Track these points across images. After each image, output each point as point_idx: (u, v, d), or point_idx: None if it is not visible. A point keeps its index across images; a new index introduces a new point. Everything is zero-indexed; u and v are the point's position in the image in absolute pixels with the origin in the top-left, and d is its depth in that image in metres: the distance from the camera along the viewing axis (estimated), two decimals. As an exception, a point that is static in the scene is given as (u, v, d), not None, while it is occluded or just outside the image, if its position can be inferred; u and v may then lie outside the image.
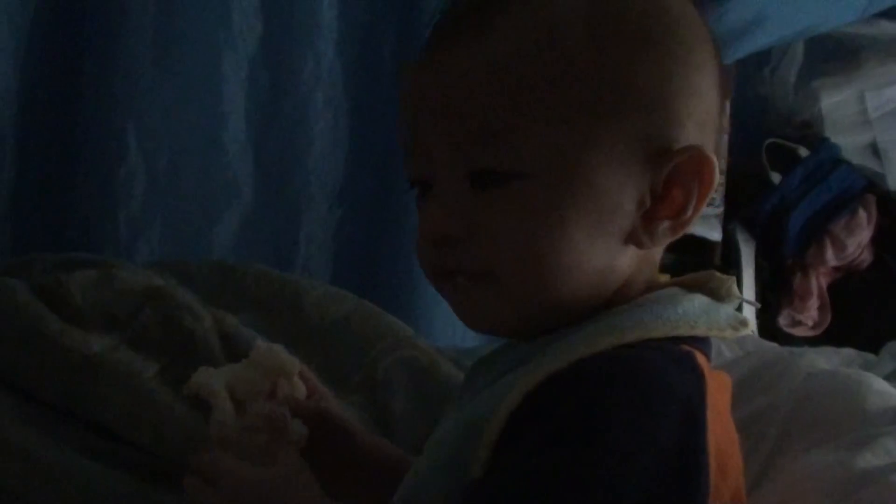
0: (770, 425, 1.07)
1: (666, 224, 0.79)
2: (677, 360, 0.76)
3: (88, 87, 1.65)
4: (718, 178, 0.80)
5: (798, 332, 2.54)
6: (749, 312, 2.43)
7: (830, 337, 2.44)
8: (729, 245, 2.50)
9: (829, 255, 2.54)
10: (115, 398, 1.11)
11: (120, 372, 1.12)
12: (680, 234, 0.80)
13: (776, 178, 2.58)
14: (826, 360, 1.23)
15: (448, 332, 1.60)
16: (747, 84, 2.57)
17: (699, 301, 0.82)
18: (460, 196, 0.80)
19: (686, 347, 0.78)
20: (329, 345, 1.20)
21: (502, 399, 0.74)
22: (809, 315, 2.55)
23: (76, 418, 1.13)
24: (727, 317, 0.82)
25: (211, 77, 1.71)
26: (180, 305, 1.18)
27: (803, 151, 2.58)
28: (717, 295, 0.84)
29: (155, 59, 1.66)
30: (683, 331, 0.78)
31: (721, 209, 2.41)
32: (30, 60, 1.62)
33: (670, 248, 0.85)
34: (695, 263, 2.35)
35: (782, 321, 2.54)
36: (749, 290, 2.47)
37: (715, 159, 0.79)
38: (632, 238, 0.79)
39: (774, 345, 1.39)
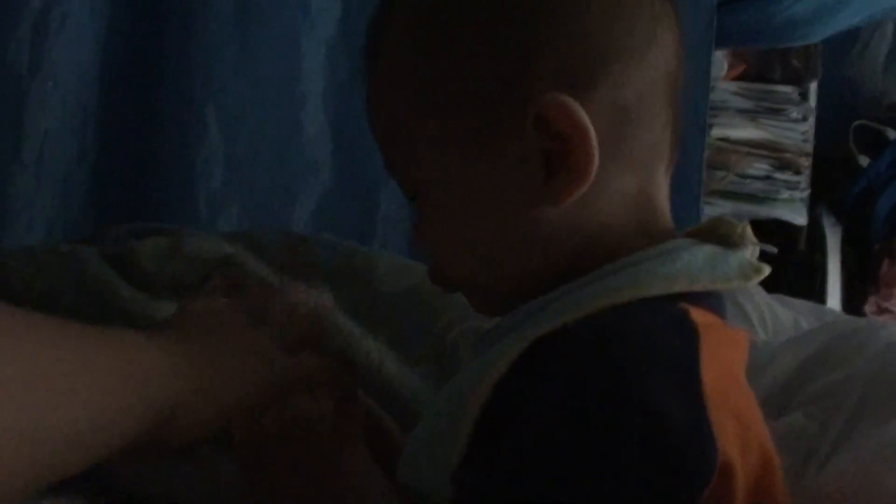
0: (848, 395, 1.05)
1: (562, 177, 0.76)
2: (669, 318, 0.73)
3: (169, 68, 1.67)
4: (584, 119, 0.75)
5: (884, 319, 2.49)
6: (834, 300, 2.40)
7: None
8: (814, 230, 2.47)
9: (919, 241, 2.50)
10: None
11: (189, 338, 1.13)
12: (585, 180, 0.76)
13: (864, 161, 2.55)
14: (906, 332, 1.20)
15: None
16: (835, 65, 2.54)
17: (704, 253, 0.78)
18: (411, 211, 0.85)
19: (682, 306, 0.74)
20: (397, 315, 1.19)
21: (488, 368, 0.73)
22: (896, 303, 2.51)
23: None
24: (739, 264, 0.79)
25: (290, 58, 1.72)
26: (248, 273, 1.19)
27: (892, 134, 2.55)
28: (730, 241, 0.80)
29: (235, 39, 1.67)
30: (681, 286, 0.75)
31: (807, 193, 2.39)
32: (111, 42, 1.64)
33: (754, 234, 0.83)
34: (780, 248, 2.34)
35: (868, 308, 2.50)
36: (835, 276, 2.43)
37: (571, 103, 0.75)
38: (538, 201, 0.77)
39: (853, 317, 1.36)
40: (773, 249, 2.29)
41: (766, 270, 0.80)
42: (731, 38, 1.98)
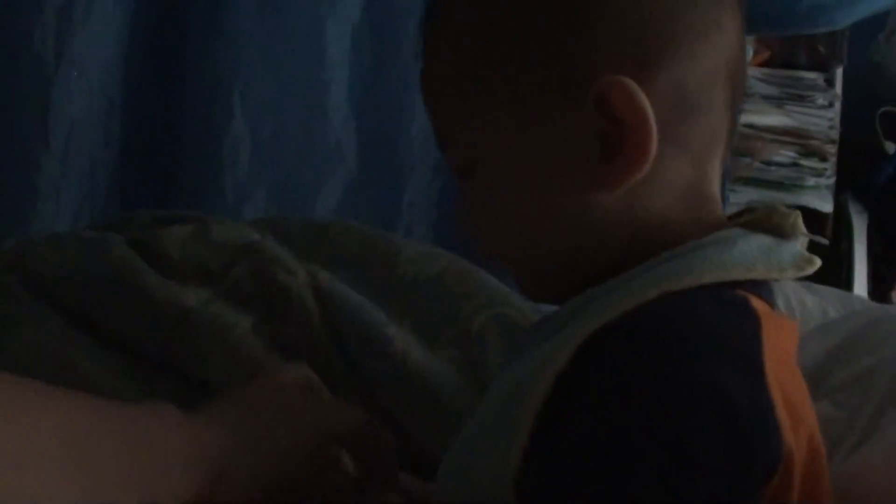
0: (876, 384, 1.05)
1: (620, 161, 0.76)
2: (730, 304, 0.73)
3: (194, 55, 1.68)
4: (645, 103, 0.75)
5: (911, 305, 2.49)
6: (861, 286, 2.39)
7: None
8: (841, 217, 2.45)
9: (945, 227, 2.49)
10: (210, 351, 1.13)
11: (215, 325, 1.13)
12: (643, 165, 0.75)
13: (890, 147, 2.53)
14: (936, 322, 1.19)
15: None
16: (860, 52, 2.52)
17: (759, 242, 0.77)
18: (460, 191, 0.84)
19: (740, 292, 0.74)
20: (422, 301, 1.19)
21: (548, 359, 0.72)
22: (923, 289, 2.50)
23: (171, 371, 1.14)
24: (792, 255, 0.78)
25: (315, 45, 1.72)
26: (274, 260, 1.19)
27: (919, 120, 2.53)
28: (782, 232, 0.79)
29: (259, 26, 1.68)
30: (738, 274, 0.75)
31: (833, 180, 2.38)
32: (136, 30, 1.65)
33: None
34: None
35: (895, 295, 2.48)
36: (861, 263, 2.42)
37: (631, 84, 0.75)
38: (595, 185, 0.77)
39: (881, 304, 1.36)
40: (825, 241, 2.28)
41: (818, 262, 0.79)
42: (757, 25, 1.97)
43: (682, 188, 0.79)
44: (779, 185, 2.32)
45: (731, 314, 0.72)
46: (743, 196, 2.25)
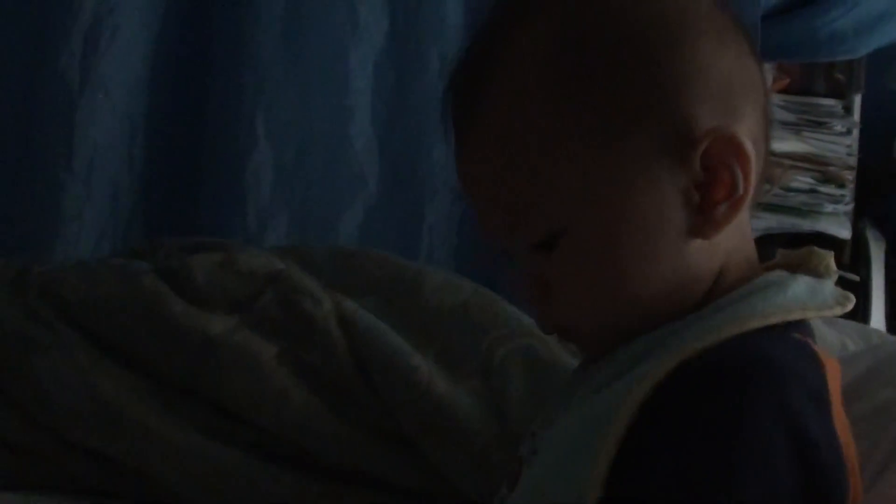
0: (894, 419, 1.05)
1: (723, 207, 0.78)
2: (798, 348, 0.77)
3: (218, 80, 1.69)
4: (752, 154, 0.78)
5: (929, 333, 2.48)
6: (878, 312, 2.39)
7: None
8: (858, 243, 2.45)
9: (962, 254, 2.48)
10: (235, 379, 1.14)
11: (240, 353, 1.14)
12: (741, 211, 0.79)
13: (908, 175, 2.53)
14: (954, 355, 1.20)
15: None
16: (878, 79, 2.52)
17: (804, 282, 0.81)
18: (529, 264, 0.83)
19: (800, 336, 0.78)
20: (447, 331, 1.20)
21: (629, 392, 0.74)
22: (940, 316, 2.49)
23: (197, 398, 1.15)
24: (832, 293, 0.82)
25: (338, 71, 1.73)
26: (300, 289, 1.20)
27: (937, 148, 2.53)
28: (818, 272, 0.84)
29: (283, 52, 1.68)
30: (796, 315, 0.78)
31: (851, 206, 2.37)
32: (160, 52, 1.66)
33: (797, 247, 0.85)
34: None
35: (913, 321, 2.48)
36: (879, 289, 2.42)
37: (738, 134, 0.78)
38: (693, 233, 0.79)
39: (900, 338, 1.36)
40: (856, 277, 2.28)
41: (853, 299, 0.83)
42: (776, 52, 1.98)
43: (742, 231, 0.83)
44: (797, 212, 2.31)
45: (801, 358, 0.76)
46: (761, 222, 2.25)
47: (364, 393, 1.14)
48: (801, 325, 0.80)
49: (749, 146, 0.78)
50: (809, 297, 0.80)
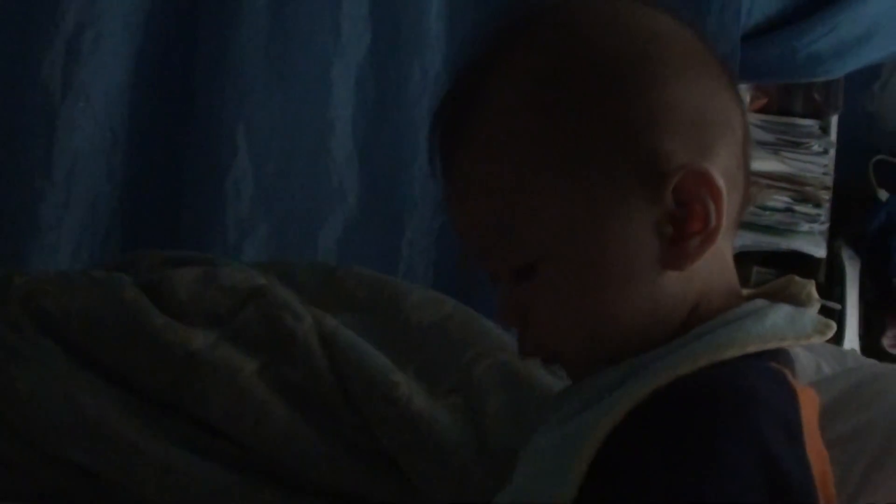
0: (869, 442, 1.06)
1: (696, 240, 0.80)
2: (773, 377, 0.77)
3: (200, 91, 1.69)
4: (722, 188, 0.80)
5: (902, 352, 2.50)
6: (852, 332, 2.40)
7: (936, 359, 2.40)
8: (833, 263, 2.47)
9: (936, 275, 2.50)
10: (215, 393, 1.13)
11: (221, 368, 1.14)
12: (715, 243, 0.80)
13: (884, 195, 2.55)
14: (928, 378, 1.21)
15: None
16: (856, 100, 2.54)
17: (784, 311, 0.82)
18: (511, 289, 0.85)
19: (776, 365, 0.79)
20: (426, 347, 1.20)
21: (602, 415, 0.76)
22: (914, 337, 2.51)
23: (178, 412, 1.15)
24: (812, 322, 0.83)
25: (320, 84, 1.73)
26: (281, 305, 1.20)
27: (912, 169, 2.55)
28: (798, 300, 0.85)
29: (265, 63, 1.69)
30: (773, 344, 0.79)
31: (826, 226, 2.39)
32: (142, 62, 1.66)
33: (773, 265, 0.87)
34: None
35: (886, 342, 2.50)
36: (853, 308, 2.44)
37: (709, 170, 0.79)
38: (668, 265, 0.80)
39: (875, 361, 1.37)
40: (837, 306, 2.30)
41: (834, 326, 0.84)
42: (755, 73, 2.00)
43: (721, 260, 0.84)
44: (773, 230, 2.33)
45: (774, 387, 0.76)
46: (737, 240, 2.25)
47: (344, 409, 1.14)
48: (780, 354, 0.81)
49: (720, 181, 0.79)
50: (788, 326, 0.81)
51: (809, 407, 0.80)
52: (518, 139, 0.82)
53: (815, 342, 0.82)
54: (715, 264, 0.83)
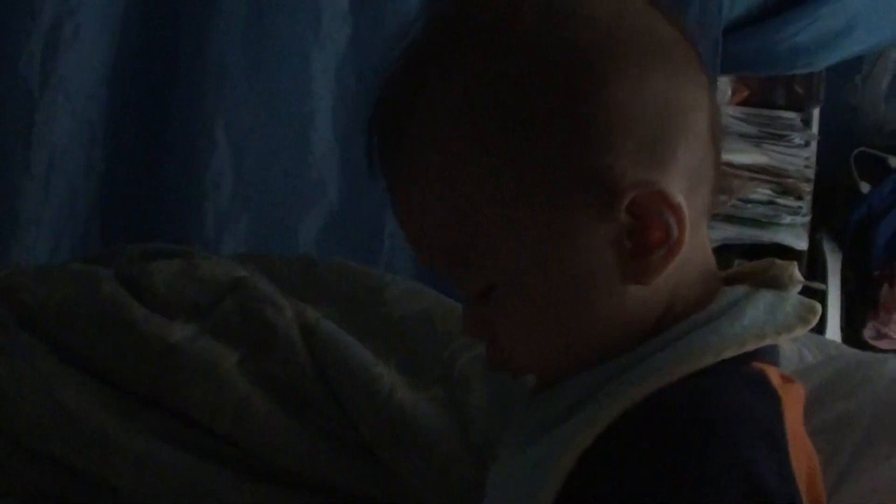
0: (851, 431, 1.06)
1: (659, 253, 0.76)
2: (753, 384, 0.75)
3: (179, 84, 1.68)
4: (683, 204, 0.75)
5: (883, 344, 2.51)
6: (834, 323, 2.41)
7: (917, 351, 2.41)
8: (815, 255, 2.48)
9: (918, 267, 2.51)
10: (195, 386, 1.13)
11: (201, 360, 1.13)
12: (679, 254, 0.76)
13: (865, 188, 2.56)
14: (911, 367, 1.22)
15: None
16: (837, 93, 2.55)
17: (763, 302, 0.79)
18: (471, 304, 0.82)
19: (757, 367, 0.76)
20: (408, 340, 1.20)
21: (572, 438, 0.73)
22: (895, 328, 2.52)
23: (158, 405, 1.14)
24: (794, 307, 0.79)
25: (300, 76, 1.73)
26: (262, 297, 1.20)
27: (893, 161, 2.56)
28: (781, 283, 0.82)
29: (245, 57, 1.68)
30: (753, 344, 0.76)
31: (808, 218, 2.40)
32: (121, 56, 1.65)
33: (755, 258, 0.84)
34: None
35: (867, 333, 2.51)
36: (835, 300, 2.44)
37: (664, 187, 0.75)
38: (630, 279, 0.76)
39: (857, 350, 1.37)
40: (822, 286, 2.31)
41: (819, 309, 0.80)
42: (736, 65, 2.00)
43: (693, 257, 0.80)
44: (755, 223, 2.33)
45: (754, 396, 0.73)
46: (719, 233, 2.27)
47: (325, 402, 1.13)
48: (761, 349, 0.77)
49: (676, 197, 0.75)
50: (768, 318, 0.78)
51: (794, 407, 0.78)
52: (460, 162, 0.77)
53: (798, 334, 0.78)
54: (689, 261, 0.79)
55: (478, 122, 0.76)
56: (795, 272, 0.83)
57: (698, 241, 0.80)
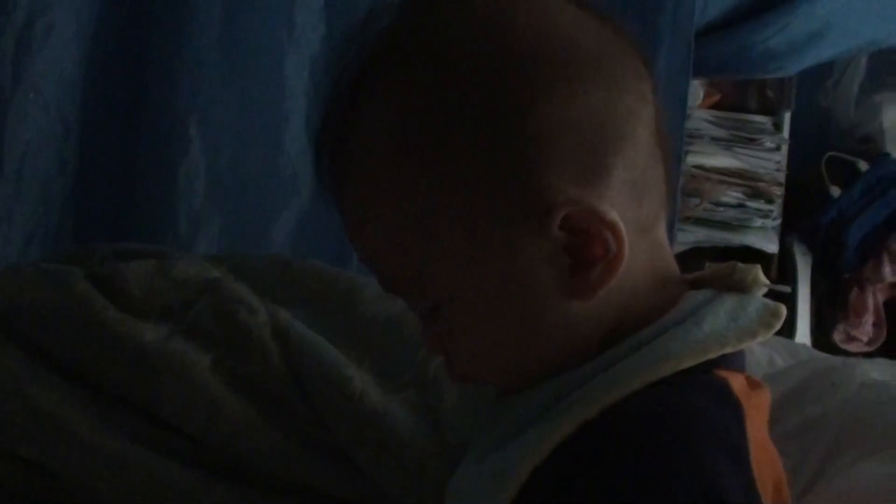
0: (822, 435, 1.07)
1: (598, 269, 0.75)
2: (714, 393, 0.74)
3: (153, 82, 1.68)
4: (619, 223, 0.75)
5: (852, 347, 2.53)
6: (804, 326, 2.43)
7: (885, 354, 2.43)
8: (786, 258, 2.49)
9: (887, 270, 2.53)
10: (168, 387, 1.12)
11: (174, 361, 1.13)
12: (619, 270, 0.76)
13: (835, 191, 2.58)
14: (880, 371, 1.23)
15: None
16: (809, 97, 2.57)
17: (725, 307, 0.78)
18: (424, 320, 0.83)
19: (720, 375, 0.75)
20: (381, 342, 1.20)
21: (529, 451, 0.73)
22: (864, 331, 2.54)
23: (131, 406, 1.14)
24: (758, 311, 0.79)
25: (274, 76, 1.73)
26: (235, 299, 1.19)
27: (863, 165, 2.58)
28: (744, 286, 0.81)
29: (219, 56, 1.68)
30: (714, 351, 0.75)
31: (779, 221, 2.42)
32: (95, 53, 1.64)
33: (725, 261, 0.84)
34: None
35: (837, 336, 2.53)
36: (805, 303, 2.46)
37: (596, 205, 0.74)
38: (571, 295, 0.76)
39: (827, 355, 1.38)
40: (787, 289, 2.32)
41: (783, 312, 0.80)
42: (708, 69, 2.01)
43: (645, 264, 0.79)
44: (726, 226, 2.35)
45: (716, 406, 0.73)
46: (690, 235, 2.28)
47: (298, 404, 1.13)
48: (726, 357, 0.76)
49: (609, 213, 0.75)
50: (730, 324, 0.77)
51: (757, 415, 0.77)
52: (394, 182, 0.77)
53: (761, 339, 0.78)
54: (639, 269, 0.78)
55: (410, 145, 0.77)
56: (760, 275, 0.82)
57: (652, 248, 0.80)
